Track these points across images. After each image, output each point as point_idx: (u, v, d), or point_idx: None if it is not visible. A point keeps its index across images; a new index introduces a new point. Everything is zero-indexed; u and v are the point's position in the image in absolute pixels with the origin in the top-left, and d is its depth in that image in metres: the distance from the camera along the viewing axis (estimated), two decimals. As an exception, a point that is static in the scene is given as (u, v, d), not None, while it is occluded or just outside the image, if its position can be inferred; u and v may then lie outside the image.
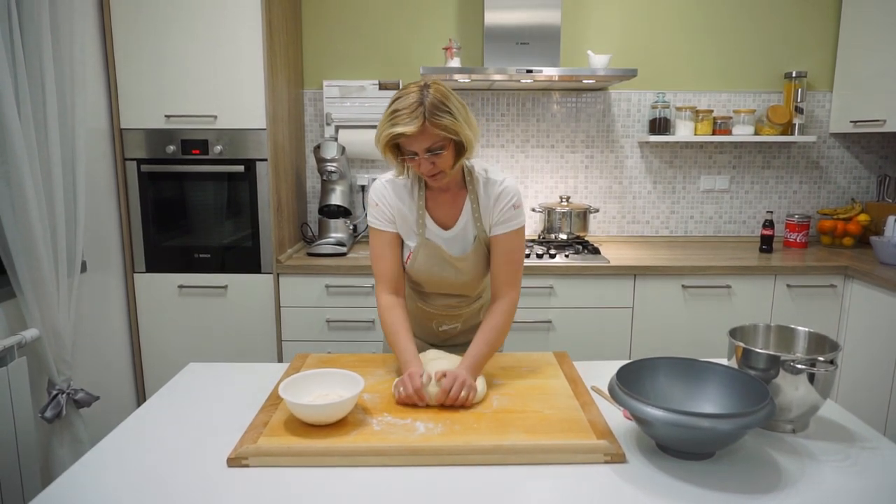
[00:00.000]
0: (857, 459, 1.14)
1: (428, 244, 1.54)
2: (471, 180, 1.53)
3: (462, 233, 1.55)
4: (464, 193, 1.54)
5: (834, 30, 3.06)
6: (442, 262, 1.55)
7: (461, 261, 1.55)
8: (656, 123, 3.02)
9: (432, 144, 1.38)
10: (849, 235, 3.00)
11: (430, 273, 1.56)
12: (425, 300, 1.67)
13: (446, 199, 1.55)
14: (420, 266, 1.56)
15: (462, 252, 1.56)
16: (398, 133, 1.35)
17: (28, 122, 1.81)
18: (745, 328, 1.38)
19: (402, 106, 1.36)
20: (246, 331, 2.63)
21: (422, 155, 1.39)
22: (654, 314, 2.61)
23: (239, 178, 2.56)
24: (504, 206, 1.51)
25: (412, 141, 1.38)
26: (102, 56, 2.45)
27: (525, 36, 2.73)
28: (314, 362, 1.57)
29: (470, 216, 1.54)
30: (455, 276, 1.57)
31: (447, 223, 1.55)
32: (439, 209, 1.55)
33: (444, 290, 1.62)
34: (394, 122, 1.36)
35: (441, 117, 1.36)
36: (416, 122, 1.34)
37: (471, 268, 1.56)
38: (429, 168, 1.41)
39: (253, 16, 2.43)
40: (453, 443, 1.16)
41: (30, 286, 1.85)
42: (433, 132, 1.36)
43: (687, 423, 1.03)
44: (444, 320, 1.69)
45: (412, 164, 1.44)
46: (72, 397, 2.02)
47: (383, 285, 1.55)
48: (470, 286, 1.61)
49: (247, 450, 1.13)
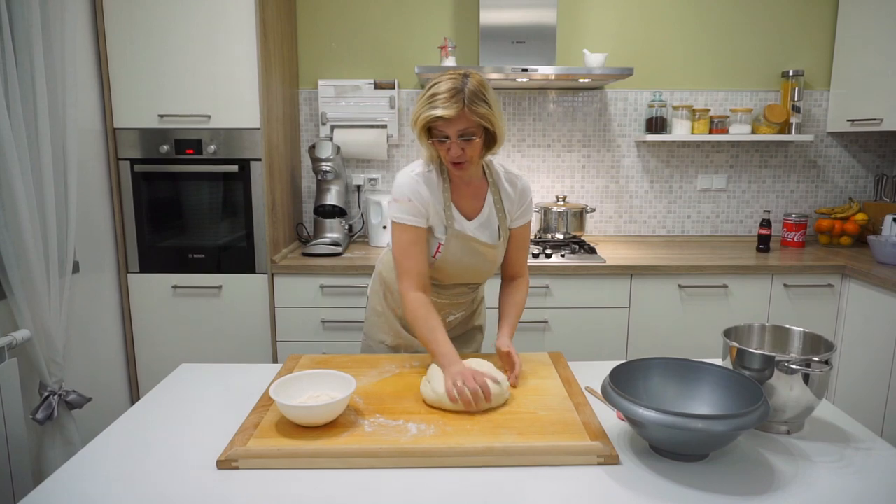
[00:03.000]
0: (852, 460, 1.14)
1: (459, 234, 1.57)
2: (490, 173, 1.61)
3: (486, 222, 1.61)
4: (484, 186, 1.61)
5: (831, 28, 3.06)
6: (473, 251, 1.59)
7: (492, 248, 1.61)
8: (653, 122, 3.01)
9: (466, 129, 1.42)
10: (846, 235, 3.00)
11: (460, 263, 1.60)
12: (438, 292, 1.68)
13: (469, 191, 1.60)
14: (451, 257, 1.58)
15: (492, 240, 1.62)
16: (437, 116, 1.39)
17: (18, 121, 1.80)
18: (740, 328, 1.37)
19: (441, 90, 1.39)
20: (240, 331, 2.62)
21: (454, 139, 1.43)
22: (650, 314, 2.61)
23: (233, 178, 2.55)
24: (527, 200, 1.64)
25: (448, 124, 1.41)
26: (95, 55, 2.44)
27: (521, 35, 2.72)
28: (307, 363, 1.56)
29: (492, 207, 1.60)
30: (482, 264, 1.62)
31: (470, 214, 1.60)
32: (462, 201, 1.60)
33: (465, 279, 1.66)
34: (433, 105, 1.39)
35: (479, 105, 1.40)
36: (455, 107, 1.38)
37: (498, 255, 1.64)
38: (458, 153, 1.44)
39: (247, 14, 2.42)
40: (445, 444, 1.15)
41: (20, 287, 1.83)
42: (470, 118, 1.40)
43: (680, 424, 1.03)
44: (451, 310, 1.73)
45: (441, 148, 1.47)
46: (63, 399, 2.00)
47: (411, 282, 1.52)
48: (489, 272, 1.68)
49: (236, 452, 1.12)
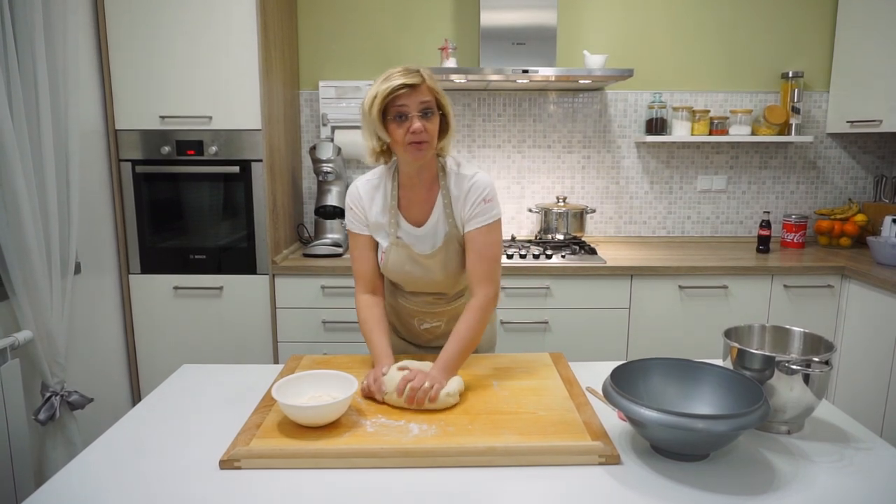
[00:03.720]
0: (853, 460, 1.14)
1: (399, 243, 1.53)
2: (443, 175, 1.52)
3: (433, 229, 1.53)
4: (436, 189, 1.52)
5: (830, 29, 3.06)
6: (412, 261, 1.53)
7: (429, 258, 1.53)
8: (653, 124, 3.01)
9: (427, 101, 1.40)
10: (846, 236, 3.00)
11: (402, 272, 1.56)
12: (406, 298, 1.66)
13: (419, 196, 1.53)
14: (393, 265, 1.55)
15: (431, 249, 1.53)
16: (399, 84, 1.35)
17: (20, 122, 1.80)
18: (741, 329, 1.37)
19: (396, 70, 1.39)
20: (242, 332, 2.63)
21: (415, 113, 1.38)
22: (650, 315, 2.61)
23: (234, 179, 2.55)
24: (475, 200, 1.48)
25: (409, 95, 1.37)
26: (96, 56, 2.45)
27: (521, 36, 2.73)
28: (309, 363, 1.56)
29: (441, 212, 1.51)
30: (425, 274, 1.54)
31: (420, 220, 1.53)
32: (412, 207, 1.53)
33: (420, 288, 1.61)
34: (391, 79, 1.37)
35: (435, 82, 1.42)
36: (416, 77, 1.38)
37: (439, 265, 1.53)
38: (419, 128, 1.37)
39: (248, 16, 2.43)
40: (447, 444, 1.15)
41: (22, 288, 1.84)
42: (430, 89, 1.40)
43: (681, 424, 1.03)
44: (425, 318, 1.67)
45: (400, 128, 1.39)
46: (65, 399, 2.01)
47: (361, 286, 1.60)
48: (444, 284, 1.58)
49: (239, 452, 1.12)
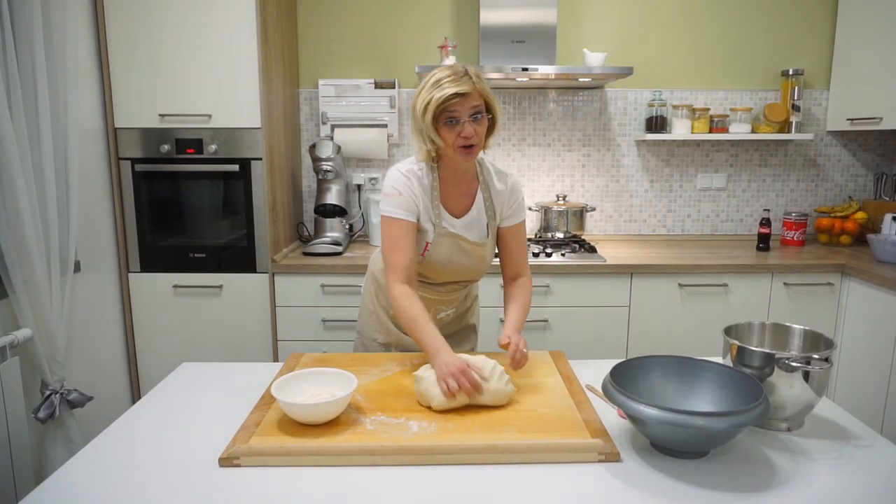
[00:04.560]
0: (853, 457, 1.14)
1: (447, 233, 1.58)
2: (481, 171, 1.62)
3: (476, 220, 1.61)
4: (475, 184, 1.61)
5: (830, 27, 3.06)
6: (460, 249, 1.59)
7: (480, 246, 1.61)
8: (653, 122, 3.01)
9: (478, 106, 1.44)
10: (846, 233, 3.00)
11: (448, 261, 1.60)
12: (429, 288, 1.68)
13: (458, 190, 1.60)
14: (439, 255, 1.58)
15: (480, 238, 1.62)
16: (453, 93, 1.39)
17: (20, 120, 1.80)
18: (740, 326, 1.37)
19: (445, 74, 1.42)
20: (241, 330, 2.63)
21: (466, 118, 1.43)
22: (650, 313, 2.61)
23: (234, 178, 2.55)
24: (518, 198, 1.65)
25: (462, 102, 1.42)
26: (96, 54, 2.44)
27: (521, 34, 2.72)
28: (308, 362, 1.56)
29: (482, 205, 1.61)
30: (470, 263, 1.62)
31: (458, 213, 1.60)
32: (451, 200, 1.60)
33: (454, 277, 1.66)
34: (442, 87, 1.40)
35: (484, 84, 1.46)
36: (467, 83, 1.41)
37: (486, 253, 1.64)
38: (470, 133, 1.44)
39: (247, 14, 2.42)
40: (447, 442, 1.15)
41: (22, 286, 1.84)
42: (480, 94, 1.44)
43: (681, 421, 1.03)
44: (442, 306, 1.72)
45: (451, 133, 1.45)
46: (65, 397, 2.01)
47: (397, 275, 1.51)
48: (479, 271, 1.68)
49: (238, 449, 1.12)
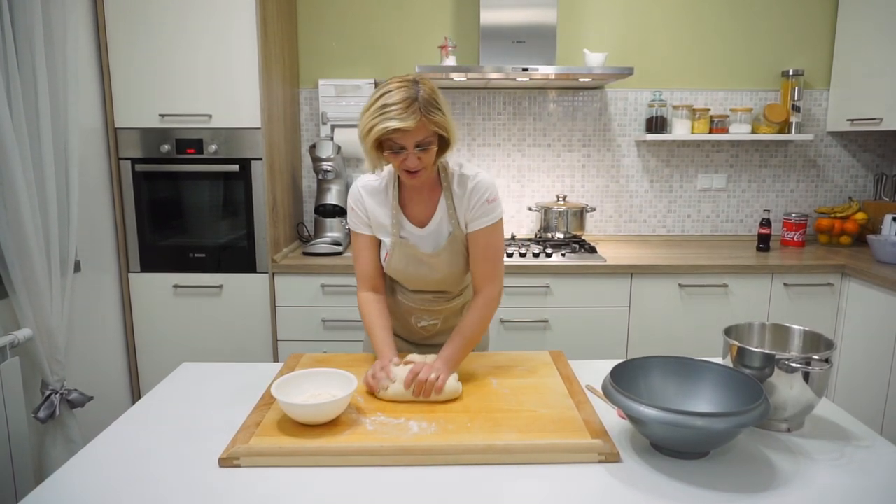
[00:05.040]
0: (853, 458, 1.14)
1: (402, 243, 1.54)
2: (445, 177, 1.53)
3: (437, 229, 1.54)
4: (438, 190, 1.54)
5: (831, 28, 3.06)
6: (416, 260, 1.55)
7: (434, 258, 1.54)
8: (653, 122, 3.01)
9: (423, 139, 1.37)
10: (846, 234, 3.00)
11: (406, 271, 1.57)
12: (405, 295, 1.67)
13: (421, 197, 1.54)
14: (396, 265, 1.56)
15: (434, 249, 1.55)
16: (395, 128, 1.31)
17: (20, 120, 1.80)
18: (741, 327, 1.37)
19: (394, 100, 1.32)
20: (241, 330, 2.63)
21: (411, 150, 1.37)
22: (650, 313, 2.61)
23: (234, 178, 2.55)
24: (478, 200, 1.50)
25: (405, 136, 1.35)
26: (96, 54, 2.44)
27: (521, 34, 2.72)
28: (308, 362, 1.56)
29: (445, 212, 1.53)
30: (430, 274, 1.56)
31: (423, 220, 1.55)
32: (414, 207, 1.55)
33: (422, 286, 1.62)
34: (387, 117, 1.32)
35: (434, 113, 1.36)
36: (413, 118, 1.32)
37: (444, 265, 1.55)
38: (415, 163, 1.39)
39: (247, 14, 2.42)
40: (447, 442, 1.15)
41: (22, 286, 1.84)
42: (427, 128, 1.36)
43: (681, 422, 1.03)
44: (423, 315, 1.67)
45: (395, 159, 1.40)
46: (65, 397, 2.01)
47: (363, 284, 1.61)
48: (447, 283, 1.60)
49: (238, 450, 1.12)
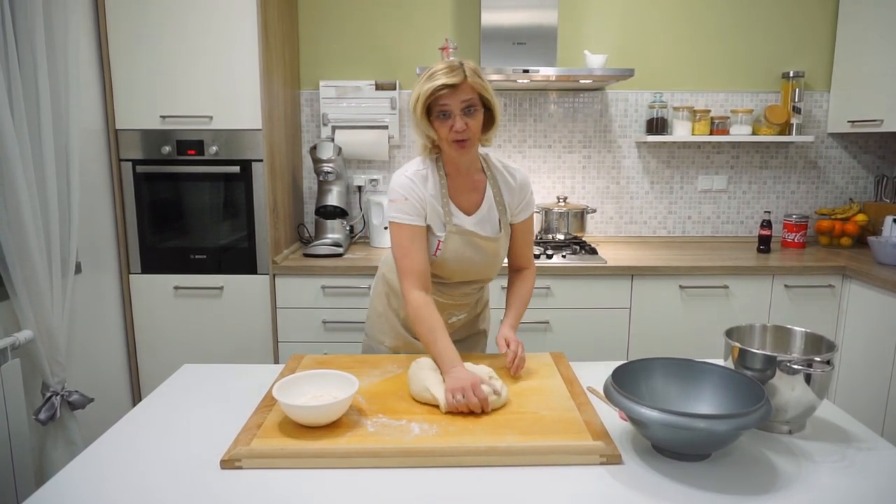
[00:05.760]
0: (854, 460, 1.14)
1: (459, 230, 1.57)
2: (488, 167, 1.62)
3: (487, 216, 1.61)
4: (483, 180, 1.61)
5: (831, 29, 3.06)
6: (474, 246, 1.58)
7: (493, 242, 1.60)
8: (653, 123, 3.01)
9: (469, 99, 1.44)
10: (847, 235, 3.00)
11: (461, 259, 1.59)
12: (442, 291, 1.66)
13: (467, 186, 1.59)
14: (452, 253, 1.57)
15: (493, 233, 1.61)
16: (441, 84, 1.40)
17: (21, 121, 1.80)
18: (742, 328, 1.37)
19: (440, 67, 1.43)
20: (242, 332, 2.63)
21: (457, 112, 1.44)
22: (651, 315, 2.61)
23: (235, 179, 2.55)
24: (528, 193, 1.65)
25: (451, 94, 1.42)
26: (97, 56, 2.45)
27: (522, 36, 2.73)
28: (310, 363, 1.56)
29: (492, 200, 1.60)
30: (483, 259, 1.61)
31: (469, 209, 1.60)
32: (460, 196, 1.59)
33: (468, 276, 1.64)
34: (434, 78, 1.42)
35: (478, 78, 1.46)
36: (458, 75, 1.42)
37: (500, 249, 1.63)
38: (462, 126, 1.44)
39: (248, 16, 2.42)
40: (448, 444, 1.15)
41: (23, 287, 1.84)
42: (472, 87, 1.44)
43: (682, 423, 1.03)
44: (454, 310, 1.71)
45: (442, 126, 1.46)
46: (66, 399, 2.01)
47: (412, 281, 1.51)
48: (493, 268, 1.67)
49: (240, 451, 1.12)
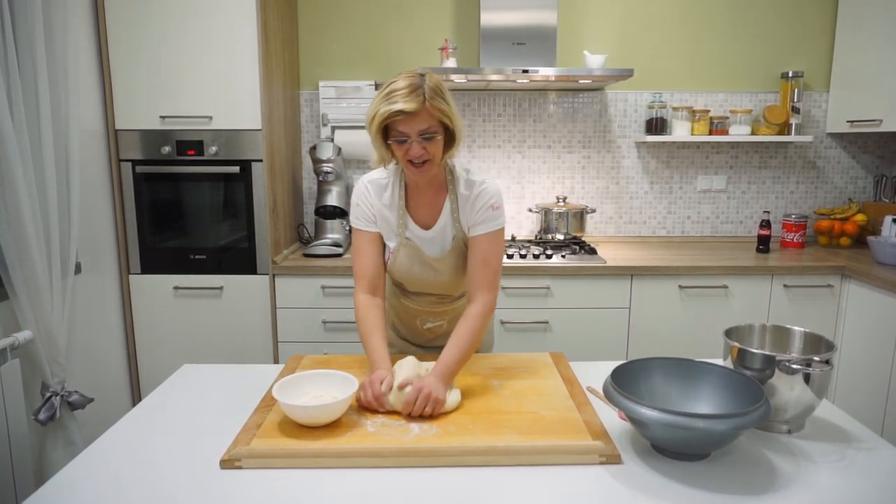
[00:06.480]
0: (853, 460, 1.14)
1: (408, 244, 1.54)
2: (451, 179, 1.52)
3: (441, 233, 1.54)
4: (443, 193, 1.53)
5: (830, 29, 3.06)
6: (421, 262, 1.54)
7: (439, 261, 1.54)
8: (653, 123, 3.01)
9: (428, 128, 1.37)
10: (846, 235, 3.00)
11: (410, 273, 1.56)
12: (409, 297, 1.66)
13: (426, 199, 1.53)
14: (400, 266, 1.56)
15: (440, 252, 1.55)
16: (397, 110, 1.32)
17: (21, 122, 1.80)
18: (741, 328, 1.37)
19: (399, 87, 1.34)
20: (242, 332, 2.63)
21: (414, 138, 1.37)
22: (651, 314, 2.61)
23: (234, 179, 2.55)
24: (483, 205, 1.48)
25: (408, 121, 1.35)
26: (97, 56, 2.45)
27: (521, 36, 2.73)
28: (309, 363, 1.56)
29: (449, 216, 1.52)
30: (434, 276, 1.56)
31: (428, 223, 1.54)
32: (420, 209, 1.54)
33: (425, 289, 1.62)
34: (391, 101, 1.33)
35: (438, 101, 1.36)
36: (416, 101, 1.33)
37: (449, 268, 1.55)
38: (419, 153, 1.38)
39: (248, 16, 2.42)
40: (448, 444, 1.15)
41: (23, 288, 1.84)
42: (431, 114, 1.36)
43: (682, 423, 1.03)
44: (428, 317, 1.67)
45: (400, 149, 1.39)
46: (66, 399, 2.01)
47: (361, 284, 1.54)
48: (450, 286, 1.60)
49: (240, 451, 1.13)
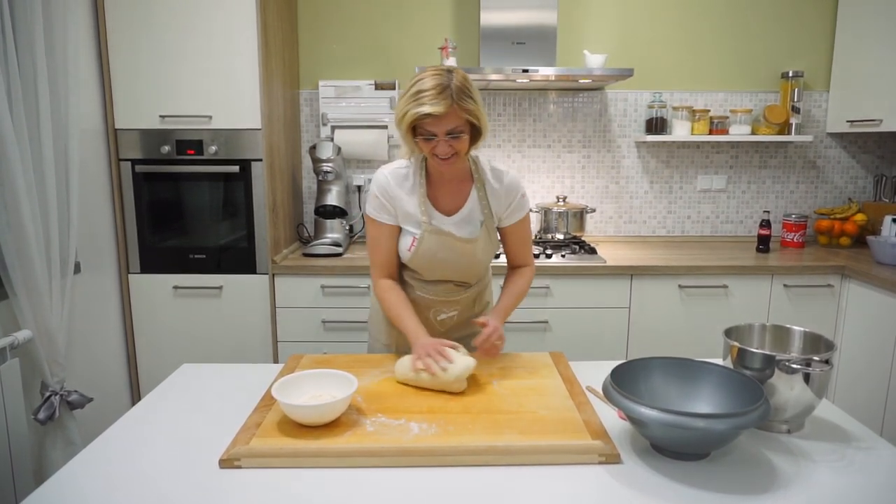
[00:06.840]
0: (853, 460, 1.14)
1: (434, 230, 1.56)
2: (476, 169, 1.59)
3: (468, 217, 1.59)
4: (468, 182, 1.59)
5: (830, 29, 3.06)
6: (449, 246, 1.57)
7: (469, 243, 1.58)
8: (653, 123, 3.01)
9: (455, 127, 1.41)
10: (846, 235, 3.00)
11: (434, 259, 1.58)
12: (424, 288, 1.66)
13: (449, 188, 1.58)
14: (425, 252, 1.57)
15: (471, 235, 1.59)
16: (426, 113, 1.36)
17: (20, 121, 1.80)
18: (741, 328, 1.37)
19: (427, 87, 1.38)
20: (241, 332, 2.63)
21: (442, 137, 1.41)
22: (650, 314, 2.61)
23: (234, 179, 2.55)
24: (516, 196, 1.60)
25: (436, 122, 1.39)
26: (96, 55, 2.44)
27: (521, 36, 2.73)
28: (309, 363, 1.56)
29: (476, 203, 1.58)
30: (458, 260, 1.59)
31: (450, 210, 1.59)
32: (444, 198, 1.59)
33: (446, 276, 1.63)
34: (420, 102, 1.37)
35: (466, 101, 1.40)
36: (444, 104, 1.37)
37: (478, 251, 1.60)
38: (446, 150, 1.43)
39: (248, 16, 2.42)
40: (447, 443, 1.15)
41: (22, 287, 1.84)
42: (458, 115, 1.40)
43: (681, 423, 1.03)
44: (442, 307, 1.68)
45: (427, 146, 1.45)
46: (65, 399, 2.01)
47: (379, 272, 1.62)
48: (473, 271, 1.65)
49: (239, 451, 1.12)
